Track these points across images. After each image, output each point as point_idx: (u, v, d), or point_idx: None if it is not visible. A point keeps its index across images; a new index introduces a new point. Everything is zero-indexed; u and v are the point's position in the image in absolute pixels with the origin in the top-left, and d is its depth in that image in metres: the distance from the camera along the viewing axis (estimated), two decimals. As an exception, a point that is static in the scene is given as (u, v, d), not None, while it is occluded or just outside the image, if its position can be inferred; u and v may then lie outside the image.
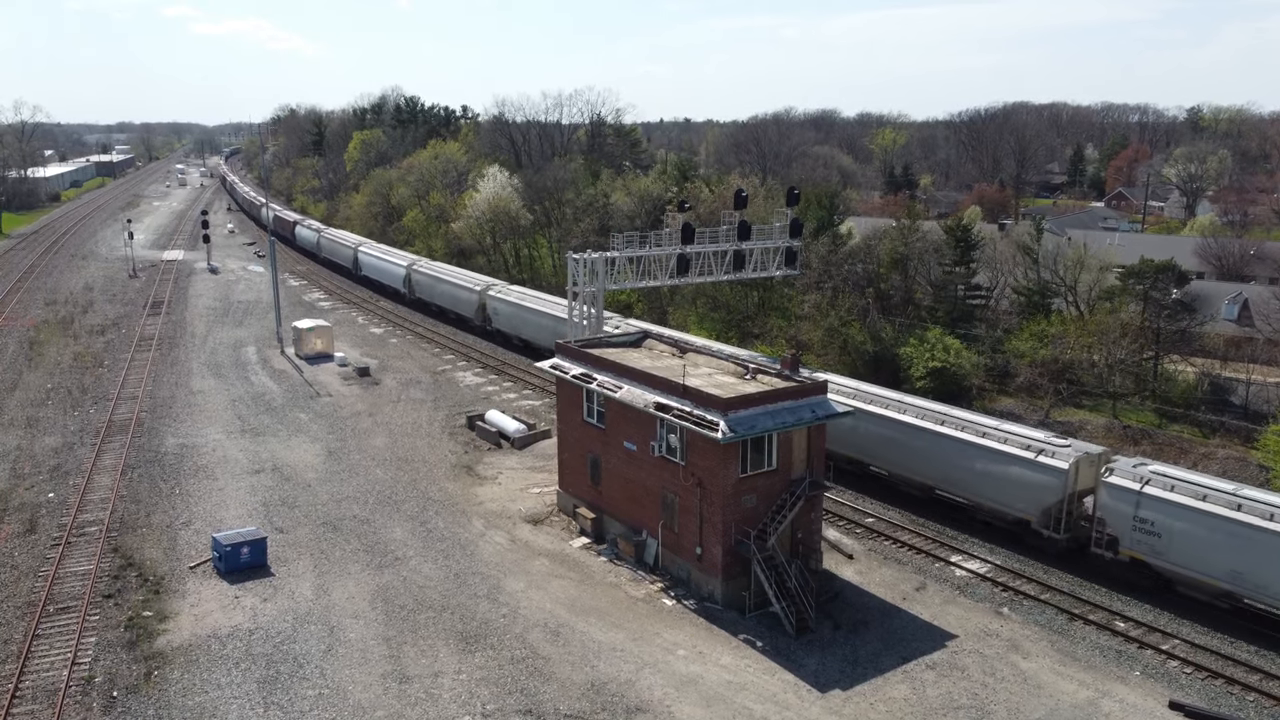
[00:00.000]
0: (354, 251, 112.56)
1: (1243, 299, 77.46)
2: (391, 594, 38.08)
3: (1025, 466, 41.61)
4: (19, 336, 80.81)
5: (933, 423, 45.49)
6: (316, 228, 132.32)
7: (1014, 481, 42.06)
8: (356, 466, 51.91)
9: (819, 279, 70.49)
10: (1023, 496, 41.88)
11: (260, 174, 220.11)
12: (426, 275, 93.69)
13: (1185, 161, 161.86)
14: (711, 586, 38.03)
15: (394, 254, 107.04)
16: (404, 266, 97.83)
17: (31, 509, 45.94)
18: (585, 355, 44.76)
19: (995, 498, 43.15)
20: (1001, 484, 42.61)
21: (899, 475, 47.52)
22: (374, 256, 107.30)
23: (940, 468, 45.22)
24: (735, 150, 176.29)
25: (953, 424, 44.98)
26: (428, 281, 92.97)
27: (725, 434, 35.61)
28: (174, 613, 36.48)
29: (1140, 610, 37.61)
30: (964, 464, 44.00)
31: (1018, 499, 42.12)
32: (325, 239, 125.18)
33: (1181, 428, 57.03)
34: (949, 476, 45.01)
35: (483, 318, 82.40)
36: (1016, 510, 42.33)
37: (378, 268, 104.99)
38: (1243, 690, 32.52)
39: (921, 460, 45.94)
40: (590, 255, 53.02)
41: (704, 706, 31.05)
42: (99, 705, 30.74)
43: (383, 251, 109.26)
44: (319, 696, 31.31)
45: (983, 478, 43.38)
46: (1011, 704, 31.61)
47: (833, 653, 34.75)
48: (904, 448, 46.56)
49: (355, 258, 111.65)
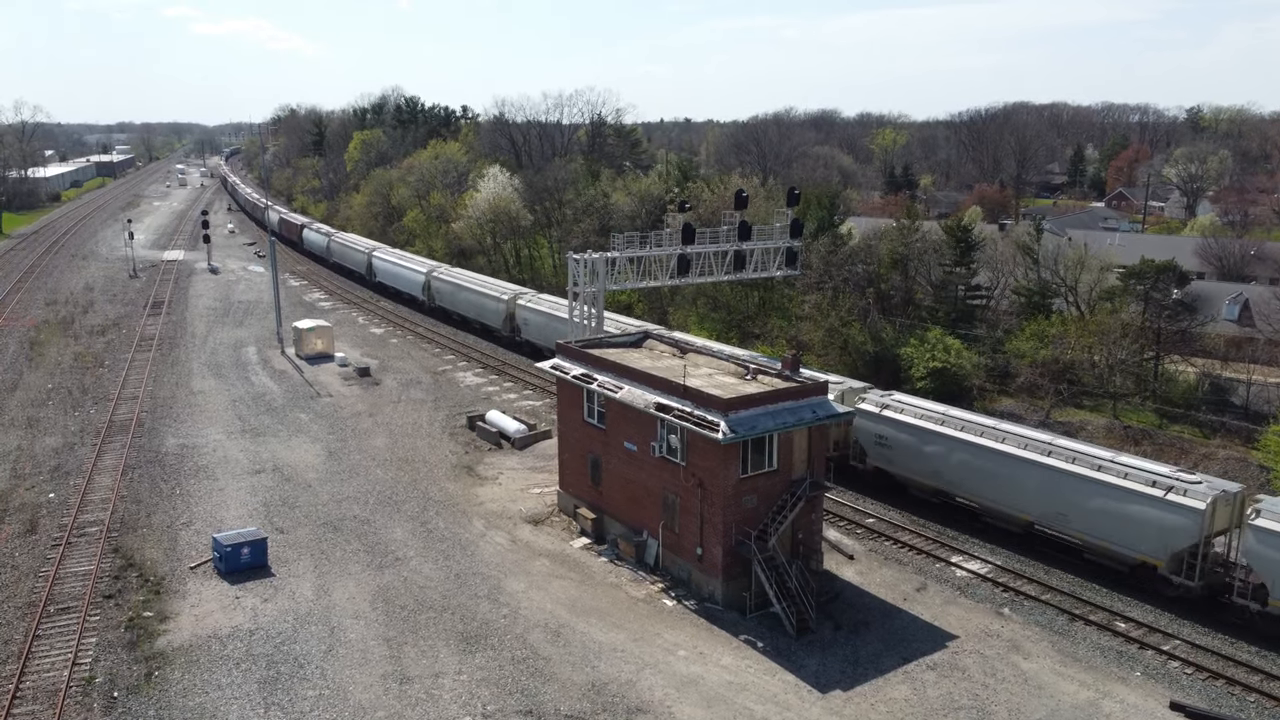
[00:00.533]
0: (368, 257, 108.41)
1: (1243, 299, 77.42)
2: (392, 594, 38.07)
3: (1151, 505, 37.48)
4: (19, 336, 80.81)
5: (1037, 453, 41.43)
6: (326, 231, 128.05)
7: (1137, 521, 37.94)
8: (357, 467, 51.90)
9: (819, 279, 70.47)
10: (1147, 538, 37.73)
11: (261, 174, 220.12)
12: (448, 282, 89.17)
13: (1186, 162, 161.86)
14: (712, 587, 38.02)
15: (411, 260, 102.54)
16: (423, 273, 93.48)
17: (32, 509, 45.94)
18: (586, 355, 44.75)
19: (1113, 539, 38.90)
20: (1121, 524, 38.45)
21: (993, 510, 43.54)
22: (389, 262, 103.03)
23: (1045, 503, 41.11)
24: (735, 150, 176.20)
25: (1061, 455, 40.84)
26: (449, 289, 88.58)
27: (726, 434, 35.59)
28: (174, 613, 36.48)
29: (1141, 611, 37.58)
30: (1075, 500, 39.84)
31: (1141, 541, 37.95)
32: (336, 243, 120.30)
33: (1182, 428, 57.02)
34: (1055, 513, 40.76)
35: (511, 328, 77.99)
36: (1139, 553, 38.20)
37: (394, 274, 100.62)
38: (1244, 691, 32.50)
39: (1021, 494, 41.93)
40: (591, 255, 53.01)
41: (705, 707, 31.05)
42: (99, 706, 30.73)
43: (398, 257, 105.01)
44: (319, 697, 31.31)
45: (1098, 516, 39.16)
46: (1012, 704, 31.59)
47: (833, 653, 34.73)
48: (1000, 480, 42.59)
49: (369, 263, 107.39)
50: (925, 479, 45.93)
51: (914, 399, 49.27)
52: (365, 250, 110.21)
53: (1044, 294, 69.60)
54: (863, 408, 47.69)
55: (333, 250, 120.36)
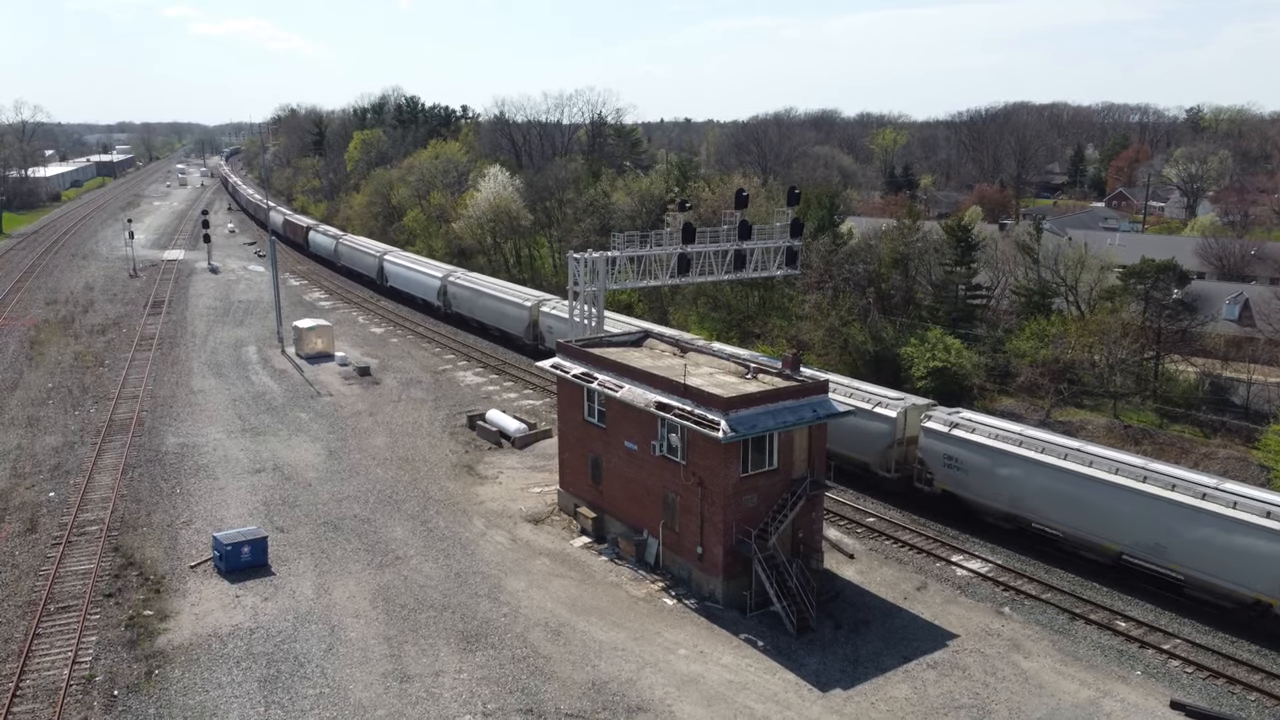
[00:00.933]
0: (379, 260, 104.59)
1: (1243, 299, 77.43)
2: (392, 593, 38.06)
3: (1268, 538, 34.80)
4: (19, 336, 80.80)
5: (1131, 479, 38.74)
6: (334, 233, 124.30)
7: (1251, 556, 35.10)
8: (357, 466, 51.88)
9: (820, 279, 70.45)
10: (1265, 575, 34.98)
11: (261, 174, 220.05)
12: (466, 288, 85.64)
13: (1186, 162, 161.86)
14: (712, 586, 38.00)
15: (426, 264, 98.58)
16: (438, 278, 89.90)
17: (32, 508, 45.92)
18: (586, 355, 44.74)
19: (1221, 574, 36.15)
20: (1231, 558, 35.62)
21: (1077, 538, 40.70)
22: (402, 266, 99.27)
23: (1139, 533, 38.39)
24: (736, 150, 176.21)
25: (1159, 481, 38.08)
26: (467, 295, 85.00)
27: (726, 433, 35.58)
28: (175, 612, 36.47)
29: (1141, 610, 37.57)
30: (1175, 531, 37.13)
31: (1257, 578, 35.17)
32: (345, 246, 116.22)
33: (1182, 428, 57.00)
34: (1151, 544, 38.11)
35: (534, 336, 74.82)
36: (1254, 591, 35.50)
37: (407, 278, 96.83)
38: (1244, 690, 32.49)
39: (1111, 523, 39.11)
40: (591, 254, 52.99)
41: (705, 706, 31.03)
42: (100, 704, 30.73)
43: (412, 261, 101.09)
44: (320, 695, 31.30)
45: (1202, 549, 36.41)
46: (1013, 703, 31.58)
47: (834, 652, 34.72)
48: (1087, 507, 39.64)
49: (380, 267, 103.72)
50: (1000, 504, 43.18)
51: (985, 417, 46.72)
52: (377, 254, 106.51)
53: (1044, 293, 69.58)
54: (930, 426, 45.69)
55: (341, 253, 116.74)
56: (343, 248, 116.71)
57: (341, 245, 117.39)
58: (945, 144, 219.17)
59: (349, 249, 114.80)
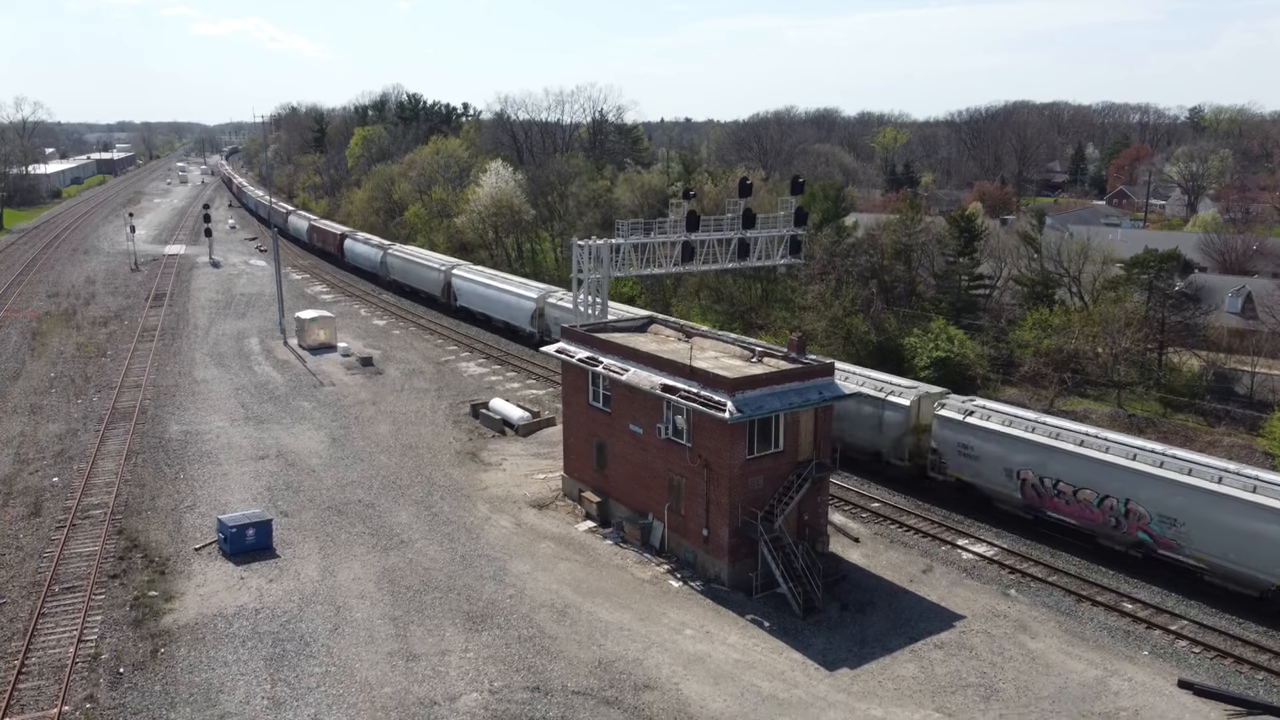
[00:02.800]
0: (444, 276, 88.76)
1: (1246, 292, 77.39)
2: (397, 575, 38.00)
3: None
4: (21, 328, 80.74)
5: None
6: (377, 243, 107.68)
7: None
8: (361, 453, 51.82)
9: (823, 270, 70.46)
10: None
11: (262, 171, 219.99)
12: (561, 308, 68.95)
13: (1187, 160, 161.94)
14: (718, 568, 37.95)
15: (511, 281, 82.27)
16: (533, 299, 74.72)
17: (36, 493, 45.85)
18: (591, 339, 44.70)
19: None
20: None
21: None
22: (479, 283, 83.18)
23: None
24: (737, 148, 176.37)
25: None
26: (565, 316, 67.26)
27: (733, 414, 35.52)
28: (180, 593, 36.40)
29: (1148, 592, 37.51)
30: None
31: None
32: (395, 258, 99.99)
33: (1186, 417, 57.01)
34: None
35: None
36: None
37: (487, 297, 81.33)
38: (1252, 669, 32.44)
39: None
40: (595, 241, 52.87)
41: (712, 684, 30.98)
42: (106, 681, 30.65)
43: (491, 277, 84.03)
44: (326, 674, 31.23)
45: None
46: (1020, 682, 31.53)
47: (840, 633, 34.67)
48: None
49: (448, 284, 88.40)
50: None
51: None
52: (441, 268, 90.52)
53: (1047, 284, 69.59)
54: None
55: (391, 266, 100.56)
56: (393, 260, 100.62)
57: (392, 258, 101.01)
58: (946, 143, 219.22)
59: (403, 261, 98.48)
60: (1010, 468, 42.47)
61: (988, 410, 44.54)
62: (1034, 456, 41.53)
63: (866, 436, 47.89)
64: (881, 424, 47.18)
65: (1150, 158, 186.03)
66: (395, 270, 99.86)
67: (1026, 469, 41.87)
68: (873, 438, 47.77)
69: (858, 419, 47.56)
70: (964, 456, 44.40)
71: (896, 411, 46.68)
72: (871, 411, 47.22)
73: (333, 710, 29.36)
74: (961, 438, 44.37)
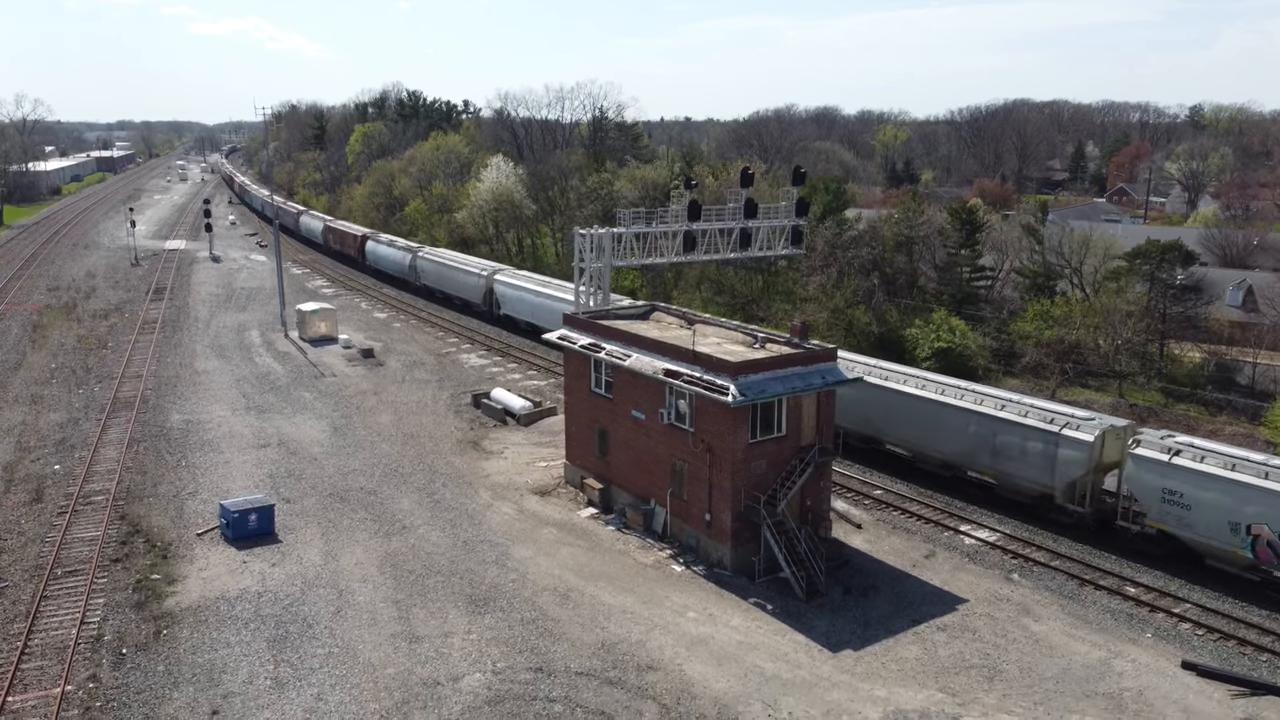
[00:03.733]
0: (486, 282, 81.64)
1: (1247, 285, 77.35)
2: (400, 560, 37.98)
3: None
4: (22, 320, 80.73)
5: None
6: (405, 245, 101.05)
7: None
8: (362, 442, 51.80)
9: (824, 262, 70.46)
10: None
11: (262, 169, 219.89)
12: None
13: (1187, 158, 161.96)
14: (720, 553, 37.93)
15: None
16: None
17: (37, 479, 45.83)
18: (593, 326, 44.68)
19: None
20: None
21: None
22: (529, 290, 75.44)
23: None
24: (737, 145, 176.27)
25: None
26: None
27: (736, 398, 35.50)
28: (182, 576, 36.38)
29: (1151, 576, 37.49)
30: None
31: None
32: (427, 261, 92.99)
33: (1188, 406, 57.02)
34: None
35: None
36: None
37: (535, 306, 73.66)
38: (1255, 651, 32.43)
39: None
40: (596, 230, 52.85)
41: (715, 665, 30.96)
42: (108, 661, 30.63)
43: (541, 284, 75.28)
44: (329, 655, 31.20)
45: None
46: (1024, 664, 31.52)
47: (843, 616, 34.65)
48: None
49: (490, 291, 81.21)
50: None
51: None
52: (482, 273, 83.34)
53: (1048, 275, 69.60)
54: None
55: (423, 271, 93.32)
56: (425, 264, 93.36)
57: (424, 261, 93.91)
58: (946, 140, 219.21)
59: (437, 266, 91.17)
60: (1238, 521, 35.78)
61: (1199, 450, 37.71)
62: (1273, 509, 34.94)
63: (1031, 475, 41.49)
64: (1055, 463, 40.50)
65: (1150, 155, 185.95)
66: (428, 275, 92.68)
67: (1261, 523, 35.46)
68: (1040, 477, 41.21)
69: (1022, 455, 41.46)
70: (1170, 504, 37.52)
71: (1075, 449, 39.80)
72: (1041, 448, 40.81)
73: (336, 690, 29.34)
74: (1168, 482, 37.43)
